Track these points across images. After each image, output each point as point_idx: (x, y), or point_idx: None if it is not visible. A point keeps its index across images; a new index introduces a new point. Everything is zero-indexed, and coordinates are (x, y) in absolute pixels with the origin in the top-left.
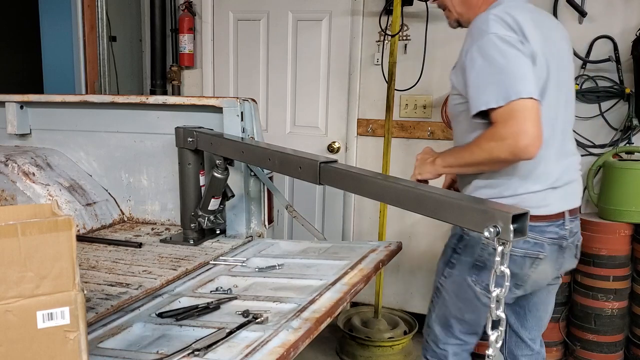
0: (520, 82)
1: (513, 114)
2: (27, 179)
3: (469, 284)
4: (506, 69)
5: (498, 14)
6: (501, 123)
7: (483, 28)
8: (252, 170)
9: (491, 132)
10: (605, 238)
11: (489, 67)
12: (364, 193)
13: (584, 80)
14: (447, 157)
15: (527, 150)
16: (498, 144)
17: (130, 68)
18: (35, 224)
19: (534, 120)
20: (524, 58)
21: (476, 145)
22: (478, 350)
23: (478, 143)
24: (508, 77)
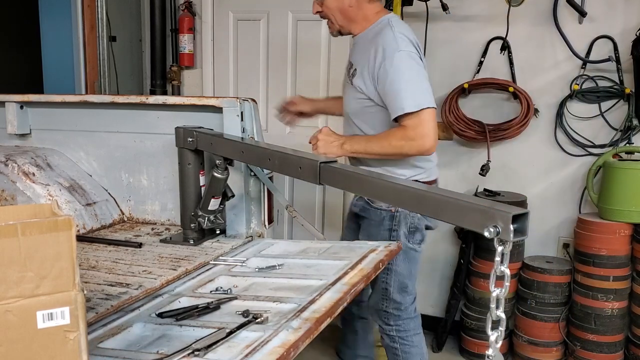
0: (425, 93)
1: (421, 120)
2: (27, 179)
3: (410, 247)
4: (416, 82)
5: (403, 33)
6: (412, 127)
7: (394, 46)
8: (252, 170)
9: (402, 133)
10: (605, 238)
11: (401, 80)
12: (364, 193)
13: (584, 80)
14: (356, 145)
15: (430, 150)
16: (408, 144)
17: (130, 68)
18: (35, 224)
19: (435, 126)
20: (424, 72)
21: (386, 141)
22: (478, 350)
23: (388, 140)
24: (417, 89)
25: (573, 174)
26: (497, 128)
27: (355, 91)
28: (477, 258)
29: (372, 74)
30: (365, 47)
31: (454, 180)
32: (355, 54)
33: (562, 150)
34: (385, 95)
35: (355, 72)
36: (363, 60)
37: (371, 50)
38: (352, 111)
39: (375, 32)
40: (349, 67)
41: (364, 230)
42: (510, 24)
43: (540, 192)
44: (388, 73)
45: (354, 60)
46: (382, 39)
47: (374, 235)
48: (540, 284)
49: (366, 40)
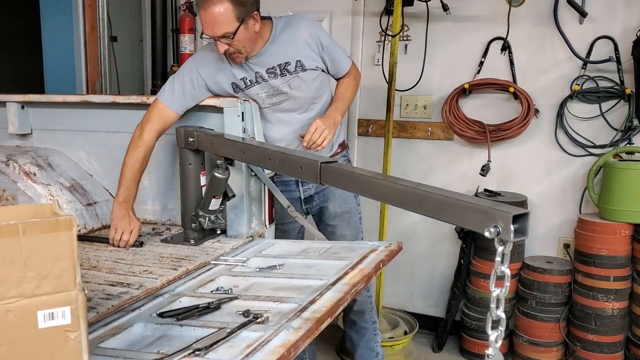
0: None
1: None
2: (28, 179)
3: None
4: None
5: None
6: (355, 70)
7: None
8: (252, 170)
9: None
10: (606, 238)
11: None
12: (364, 193)
13: (584, 80)
14: (340, 107)
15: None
16: (358, 81)
17: (131, 68)
18: (36, 224)
19: None
20: None
21: (353, 88)
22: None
23: (353, 85)
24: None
25: (573, 174)
26: (497, 128)
27: (311, 73)
28: (477, 258)
29: (318, 50)
30: (286, 42)
31: (454, 180)
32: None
33: (562, 150)
34: (332, 59)
35: (301, 62)
36: (297, 50)
37: (297, 39)
38: (315, 93)
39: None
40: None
41: (333, 197)
42: (511, 24)
43: (541, 192)
44: (328, 43)
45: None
46: (299, 25)
47: (345, 194)
48: (540, 284)
49: (281, 39)
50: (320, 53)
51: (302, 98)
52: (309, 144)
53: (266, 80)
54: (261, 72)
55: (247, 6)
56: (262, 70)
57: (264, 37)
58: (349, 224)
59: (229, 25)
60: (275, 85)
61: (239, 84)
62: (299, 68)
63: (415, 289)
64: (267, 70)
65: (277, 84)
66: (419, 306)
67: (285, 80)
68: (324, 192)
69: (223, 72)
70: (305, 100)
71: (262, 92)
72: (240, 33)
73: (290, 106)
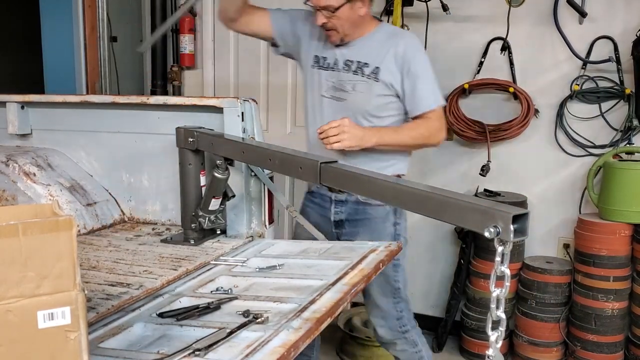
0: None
1: (441, 115)
2: (28, 179)
3: (405, 238)
4: (436, 81)
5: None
6: (436, 120)
7: (418, 46)
8: (252, 170)
9: (429, 124)
10: (606, 238)
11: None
12: (364, 193)
13: (584, 80)
14: (386, 137)
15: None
16: (433, 135)
17: (131, 68)
18: (36, 224)
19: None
20: None
21: (416, 132)
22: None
23: (418, 130)
24: (437, 87)
25: (573, 174)
26: (497, 128)
27: (382, 87)
28: (477, 258)
29: (402, 70)
30: (379, 45)
31: (454, 180)
32: (363, 53)
33: (562, 150)
34: (413, 90)
35: (378, 70)
36: (382, 56)
37: (389, 48)
38: (374, 107)
39: (387, 33)
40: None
41: (364, 230)
42: (511, 25)
43: (541, 192)
44: (418, 72)
45: (363, 58)
46: (403, 39)
47: (378, 231)
48: (540, 284)
49: (376, 40)
50: (402, 74)
51: (358, 106)
52: (321, 133)
53: (339, 70)
54: (339, 61)
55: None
56: (342, 59)
57: (363, 30)
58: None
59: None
60: (342, 79)
61: (320, 60)
62: (372, 74)
63: (415, 289)
64: (345, 61)
65: (345, 78)
66: (419, 306)
67: (353, 79)
68: (355, 222)
69: (316, 39)
70: (360, 110)
71: (330, 80)
72: (344, 10)
73: (346, 109)
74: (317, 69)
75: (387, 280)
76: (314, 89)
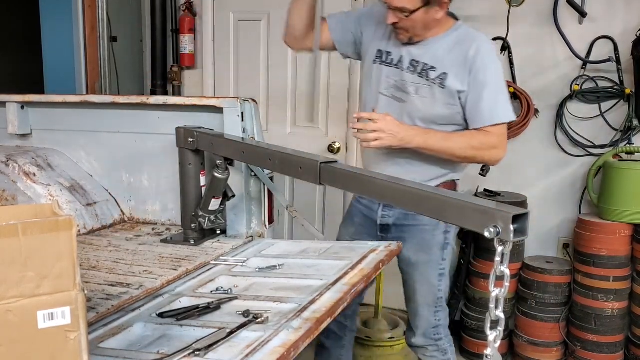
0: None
1: (503, 132)
2: (28, 179)
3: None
4: (507, 94)
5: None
6: (496, 135)
7: (492, 56)
8: (252, 170)
9: (485, 138)
10: (606, 238)
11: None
12: (364, 193)
13: (584, 80)
14: (431, 141)
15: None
16: (488, 151)
17: (131, 68)
18: (36, 224)
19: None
20: None
21: (467, 143)
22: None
23: (470, 142)
24: (507, 101)
25: (573, 174)
26: None
27: (448, 95)
28: (477, 258)
29: (468, 77)
30: (450, 49)
31: None
32: (432, 56)
33: (562, 150)
34: (478, 99)
35: (445, 76)
36: (452, 64)
37: (459, 51)
38: (437, 117)
39: (461, 35)
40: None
41: (411, 237)
42: (511, 25)
43: (541, 192)
44: (487, 79)
45: (431, 61)
46: (475, 43)
47: (427, 240)
48: (540, 284)
49: (447, 43)
50: (469, 82)
51: (419, 111)
52: (355, 126)
53: (402, 69)
54: (405, 59)
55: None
56: (408, 58)
57: (437, 31)
58: (423, 278)
59: (410, 2)
60: (405, 80)
61: (383, 55)
62: (438, 80)
63: None
64: (411, 60)
65: (408, 79)
66: None
67: (416, 82)
68: (402, 228)
69: (381, 33)
70: (421, 116)
71: (392, 78)
72: (418, 14)
73: (405, 111)
74: (378, 64)
75: (431, 290)
76: (372, 84)
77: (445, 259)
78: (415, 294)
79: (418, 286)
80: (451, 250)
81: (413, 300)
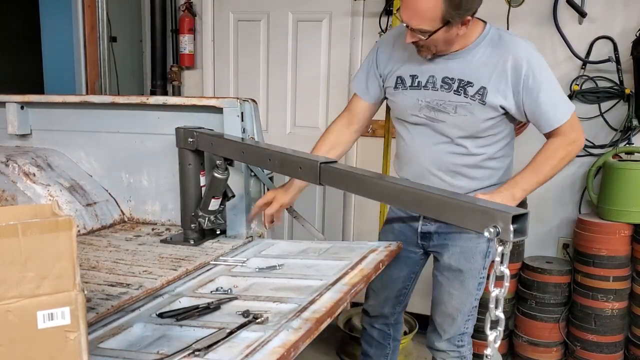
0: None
1: (574, 122)
2: (28, 179)
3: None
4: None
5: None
6: (569, 131)
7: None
8: (252, 170)
9: (563, 140)
10: (605, 238)
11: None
12: (364, 193)
13: (583, 80)
14: (525, 184)
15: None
16: (573, 147)
17: (130, 68)
18: (36, 224)
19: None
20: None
21: (554, 159)
22: (478, 350)
23: (555, 156)
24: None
25: (573, 174)
26: None
27: (490, 110)
28: None
29: (516, 88)
30: (485, 60)
31: None
32: (465, 70)
33: None
34: (536, 108)
35: (485, 91)
36: (490, 76)
37: (497, 62)
38: (480, 130)
39: (493, 42)
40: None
41: (453, 245)
42: (510, 25)
43: (540, 192)
44: (537, 83)
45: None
46: (511, 51)
47: (469, 248)
48: (540, 284)
49: (480, 54)
50: (519, 92)
51: (461, 128)
52: None
53: (435, 89)
54: (436, 78)
55: (462, 9)
56: (439, 76)
57: (467, 40)
58: (462, 285)
59: (429, 23)
60: (441, 99)
61: (406, 79)
62: (477, 96)
63: (415, 289)
64: (443, 78)
65: (444, 98)
66: (419, 306)
67: (454, 100)
68: (445, 235)
69: (397, 60)
70: (462, 133)
71: (424, 100)
72: (438, 34)
73: (444, 131)
74: (401, 90)
75: (469, 298)
76: (398, 113)
77: (486, 268)
78: (452, 299)
79: (455, 293)
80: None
81: (446, 305)
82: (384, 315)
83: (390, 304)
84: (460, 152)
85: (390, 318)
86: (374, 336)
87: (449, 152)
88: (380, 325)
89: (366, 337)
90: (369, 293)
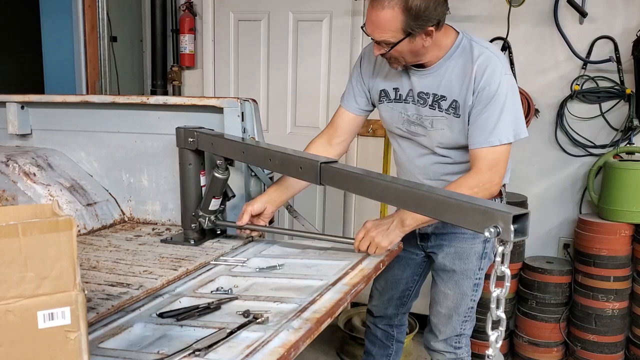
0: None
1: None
2: (28, 179)
3: (491, 258)
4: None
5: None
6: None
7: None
8: (252, 170)
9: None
10: (606, 238)
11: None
12: (364, 193)
13: (584, 80)
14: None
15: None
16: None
17: (131, 68)
18: (36, 224)
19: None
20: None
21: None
22: (478, 350)
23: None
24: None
25: (573, 174)
26: None
27: (464, 122)
28: None
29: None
30: (456, 73)
31: None
32: (438, 84)
33: (562, 150)
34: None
35: (457, 104)
36: (460, 88)
37: (466, 72)
38: (459, 143)
39: (464, 53)
40: (428, 99)
41: (449, 245)
42: (511, 25)
43: (541, 192)
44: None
45: (440, 90)
46: (477, 61)
47: (464, 249)
48: (540, 285)
49: (452, 66)
50: (474, 101)
51: (440, 141)
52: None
53: (414, 103)
54: (413, 92)
55: (422, 20)
56: (416, 91)
57: (440, 51)
58: (456, 286)
59: (390, 35)
60: (419, 114)
61: (389, 93)
62: (451, 109)
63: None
64: (419, 93)
65: (422, 113)
66: (419, 306)
67: (430, 114)
68: (441, 236)
69: (380, 73)
70: (442, 144)
71: (405, 113)
72: (402, 45)
73: (423, 144)
74: (385, 103)
75: (464, 299)
76: (386, 125)
77: (483, 269)
78: (447, 300)
79: (450, 293)
80: (489, 261)
81: (442, 306)
82: (388, 316)
83: (394, 305)
84: (446, 162)
85: (393, 319)
86: (378, 336)
87: (435, 163)
88: (384, 326)
89: (370, 335)
90: (374, 293)
